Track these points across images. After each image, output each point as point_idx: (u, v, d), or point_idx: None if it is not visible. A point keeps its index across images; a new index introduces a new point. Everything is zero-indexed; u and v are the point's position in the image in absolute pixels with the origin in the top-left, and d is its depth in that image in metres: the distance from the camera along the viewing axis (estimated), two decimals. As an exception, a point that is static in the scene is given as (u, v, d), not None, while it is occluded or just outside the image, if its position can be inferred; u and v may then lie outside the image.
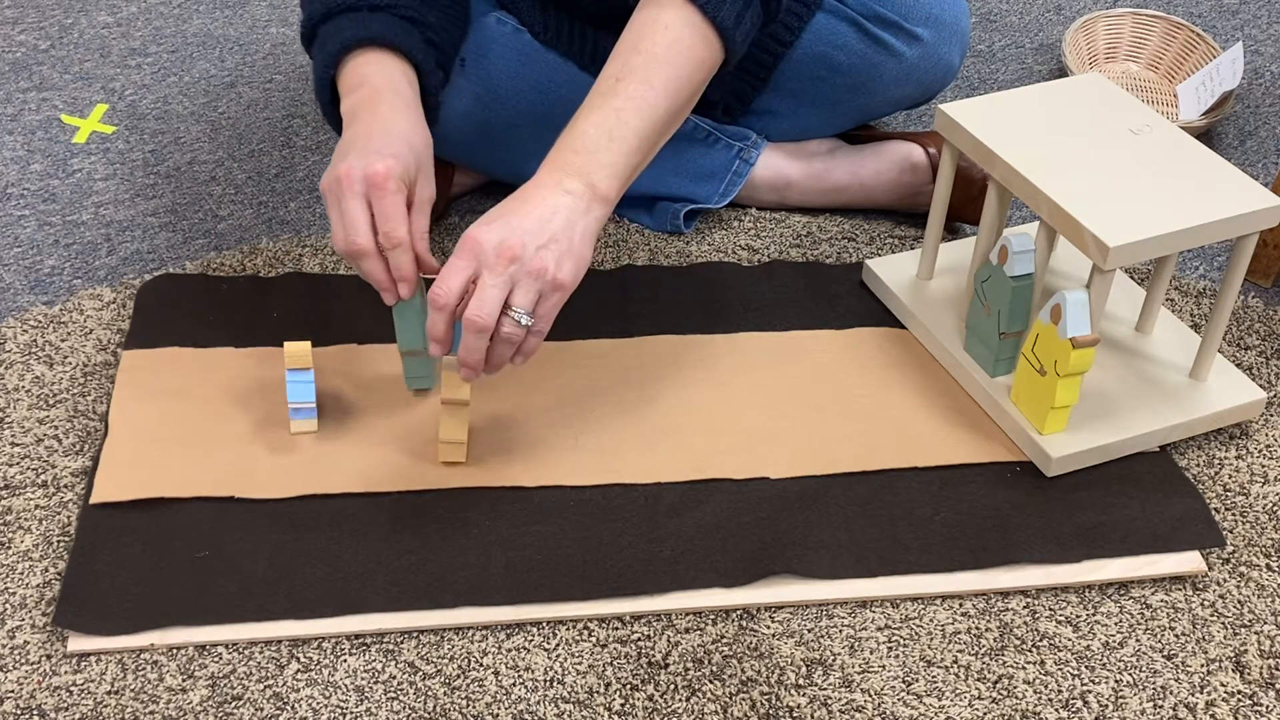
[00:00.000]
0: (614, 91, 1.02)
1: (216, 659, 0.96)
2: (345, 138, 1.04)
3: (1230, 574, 1.06)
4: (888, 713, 0.95)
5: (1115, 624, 1.02)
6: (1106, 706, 0.96)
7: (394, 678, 0.96)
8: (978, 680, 0.98)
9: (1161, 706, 0.96)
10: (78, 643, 0.96)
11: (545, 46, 1.31)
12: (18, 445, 1.12)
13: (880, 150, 1.40)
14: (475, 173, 1.41)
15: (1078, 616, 1.02)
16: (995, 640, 1.00)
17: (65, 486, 1.08)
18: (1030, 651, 1.00)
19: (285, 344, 1.08)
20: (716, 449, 1.12)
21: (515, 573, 1.01)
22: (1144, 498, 1.10)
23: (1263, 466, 1.15)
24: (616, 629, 1.00)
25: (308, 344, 1.07)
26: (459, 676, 0.96)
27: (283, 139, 1.51)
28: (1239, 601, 1.04)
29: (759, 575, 1.02)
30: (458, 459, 1.08)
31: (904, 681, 0.97)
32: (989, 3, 1.85)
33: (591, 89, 1.04)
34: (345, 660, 0.97)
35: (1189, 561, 1.06)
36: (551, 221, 0.98)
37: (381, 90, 1.06)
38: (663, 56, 1.03)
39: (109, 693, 0.94)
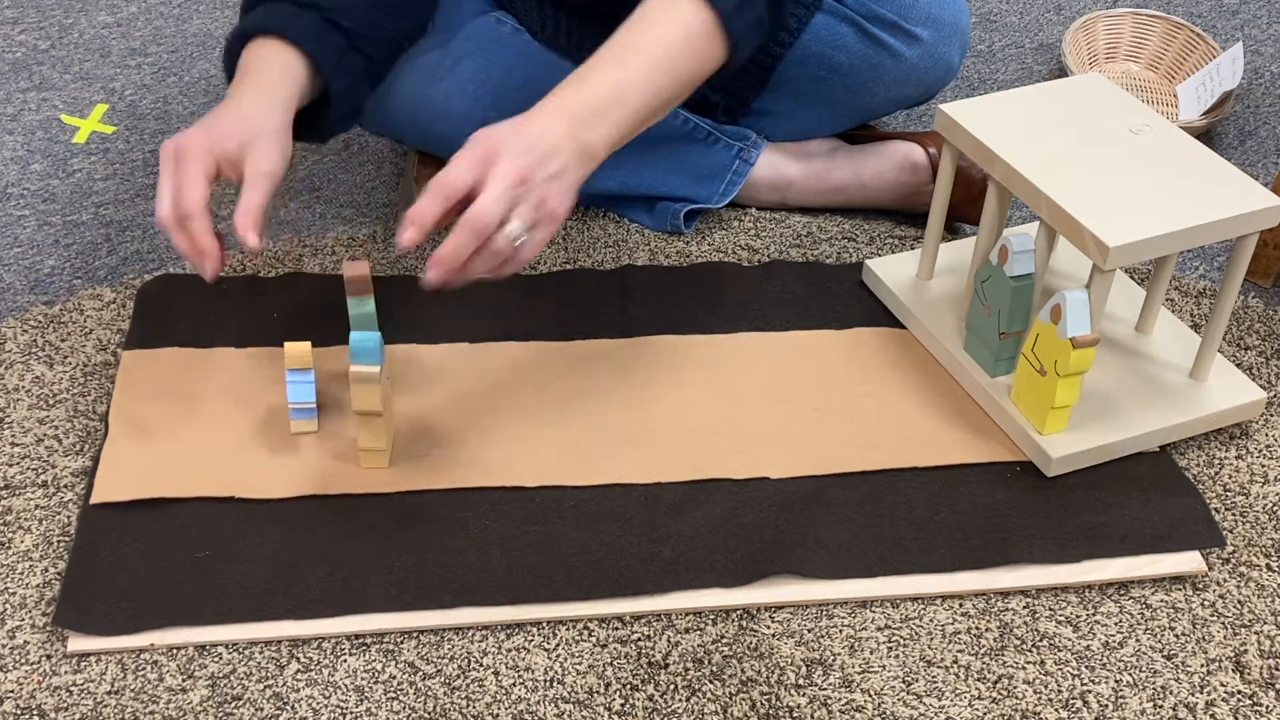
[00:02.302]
0: (623, 63, 1.05)
1: (216, 659, 0.96)
2: None
3: (1230, 574, 1.06)
4: (888, 713, 0.95)
5: (1115, 624, 1.02)
6: (1106, 706, 0.96)
7: (394, 678, 0.96)
8: (978, 680, 0.98)
9: (1161, 706, 0.96)
10: (78, 643, 0.96)
11: (545, 46, 1.31)
12: (18, 445, 1.12)
13: (880, 150, 1.40)
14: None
15: (1078, 616, 1.02)
16: (995, 640, 1.00)
17: (65, 486, 1.08)
18: (1030, 651, 1.00)
19: (285, 344, 1.07)
20: (716, 449, 1.12)
21: (515, 573, 1.01)
22: (1144, 498, 1.10)
23: (1263, 466, 1.15)
24: (616, 629, 1.00)
25: (308, 345, 1.07)
26: (459, 676, 0.96)
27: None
28: (1239, 601, 1.04)
29: (759, 575, 1.02)
30: (379, 465, 1.08)
31: (904, 681, 0.97)
32: (989, 3, 1.85)
33: (601, 48, 1.06)
34: (345, 660, 0.97)
35: (1189, 561, 1.06)
36: (555, 157, 1.01)
37: (247, 75, 1.07)
38: (673, 46, 1.07)
39: (109, 693, 0.94)
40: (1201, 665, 0.99)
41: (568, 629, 1.00)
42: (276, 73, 1.07)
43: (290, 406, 1.09)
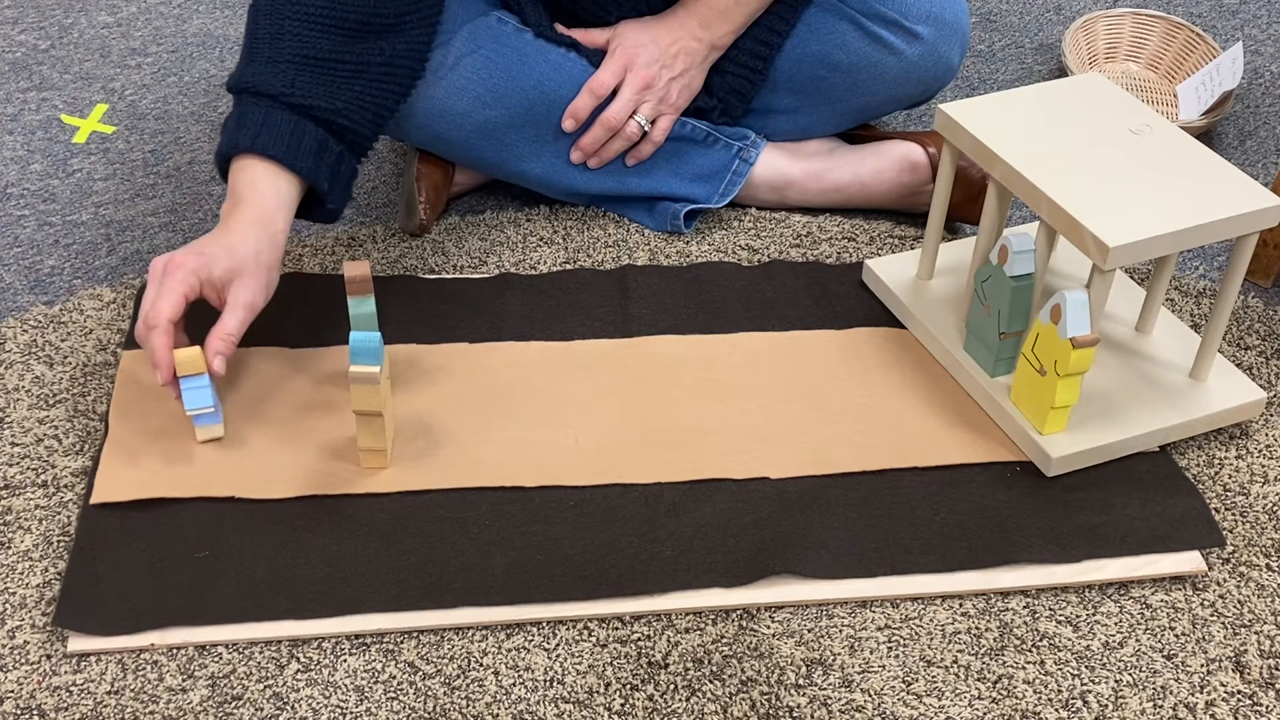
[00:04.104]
0: None
1: (216, 659, 0.96)
2: None
3: (1230, 574, 1.06)
4: (888, 713, 0.95)
5: (1115, 624, 1.02)
6: (1106, 706, 0.96)
7: (394, 678, 0.96)
8: (978, 680, 0.98)
9: (1161, 706, 0.96)
10: (78, 643, 0.96)
11: (549, 43, 1.31)
12: (18, 445, 1.12)
13: (880, 150, 1.40)
14: (475, 172, 1.41)
15: (1078, 616, 1.02)
16: (995, 640, 1.00)
17: (65, 486, 1.08)
18: (1030, 651, 1.00)
19: (176, 351, 1.04)
20: (716, 449, 1.12)
21: (515, 573, 1.01)
22: (1144, 498, 1.10)
23: (1263, 466, 1.15)
24: (616, 629, 1.00)
25: (198, 349, 1.05)
26: (459, 676, 0.96)
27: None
28: (1239, 601, 1.04)
29: (759, 575, 1.02)
30: (379, 465, 1.08)
31: (904, 681, 0.97)
32: (989, 3, 1.85)
33: None
34: (345, 660, 0.97)
35: (1189, 561, 1.06)
36: (680, 59, 1.31)
37: (242, 203, 1.09)
38: None
39: (109, 693, 0.94)
40: (1201, 665, 0.99)
41: (568, 629, 1.00)
42: (271, 202, 1.10)
43: (190, 414, 1.07)
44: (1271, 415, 1.20)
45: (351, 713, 0.94)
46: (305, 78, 1.12)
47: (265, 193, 1.10)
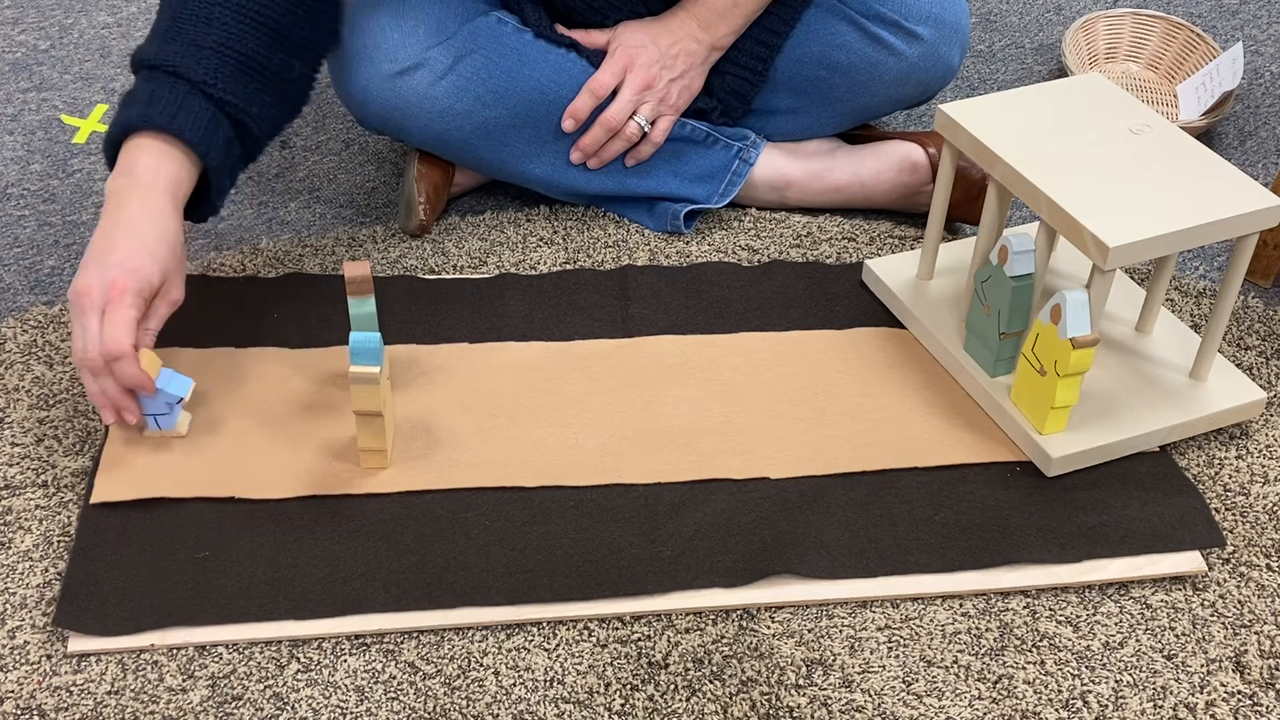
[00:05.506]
0: None
1: (216, 659, 0.96)
2: (95, 237, 1.05)
3: (1230, 574, 1.06)
4: (888, 713, 0.95)
5: (1115, 624, 1.02)
6: (1106, 706, 0.96)
7: (394, 678, 0.96)
8: (978, 680, 0.98)
9: (1161, 706, 0.96)
10: (78, 643, 0.96)
11: (549, 44, 1.31)
12: (18, 445, 1.12)
13: (880, 150, 1.40)
14: (475, 172, 1.41)
15: (1078, 616, 1.02)
16: (995, 640, 1.00)
17: (65, 486, 1.08)
18: (1030, 651, 1.00)
19: (141, 357, 1.03)
20: (716, 449, 1.12)
21: (515, 573, 1.01)
22: (1144, 498, 1.10)
23: (1263, 466, 1.15)
24: (616, 629, 1.00)
25: (147, 350, 1.04)
26: (459, 676, 0.96)
27: (282, 139, 1.51)
28: (1239, 601, 1.04)
29: (759, 575, 1.02)
30: (379, 465, 1.08)
31: (904, 681, 0.97)
32: (989, 3, 1.85)
33: None
34: (345, 660, 0.97)
35: (1189, 561, 1.06)
36: (680, 60, 1.31)
37: (141, 187, 1.05)
38: None
39: (109, 693, 0.94)
40: (1201, 665, 0.99)
41: (568, 629, 1.00)
42: (174, 187, 1.07)
43: (179, 408, 1.07)
44: (1271, 415, 1.20)
45: (351, 713, 0.94)
46: (228, 71, 1.09)
47: (170, 177, 1.06)
